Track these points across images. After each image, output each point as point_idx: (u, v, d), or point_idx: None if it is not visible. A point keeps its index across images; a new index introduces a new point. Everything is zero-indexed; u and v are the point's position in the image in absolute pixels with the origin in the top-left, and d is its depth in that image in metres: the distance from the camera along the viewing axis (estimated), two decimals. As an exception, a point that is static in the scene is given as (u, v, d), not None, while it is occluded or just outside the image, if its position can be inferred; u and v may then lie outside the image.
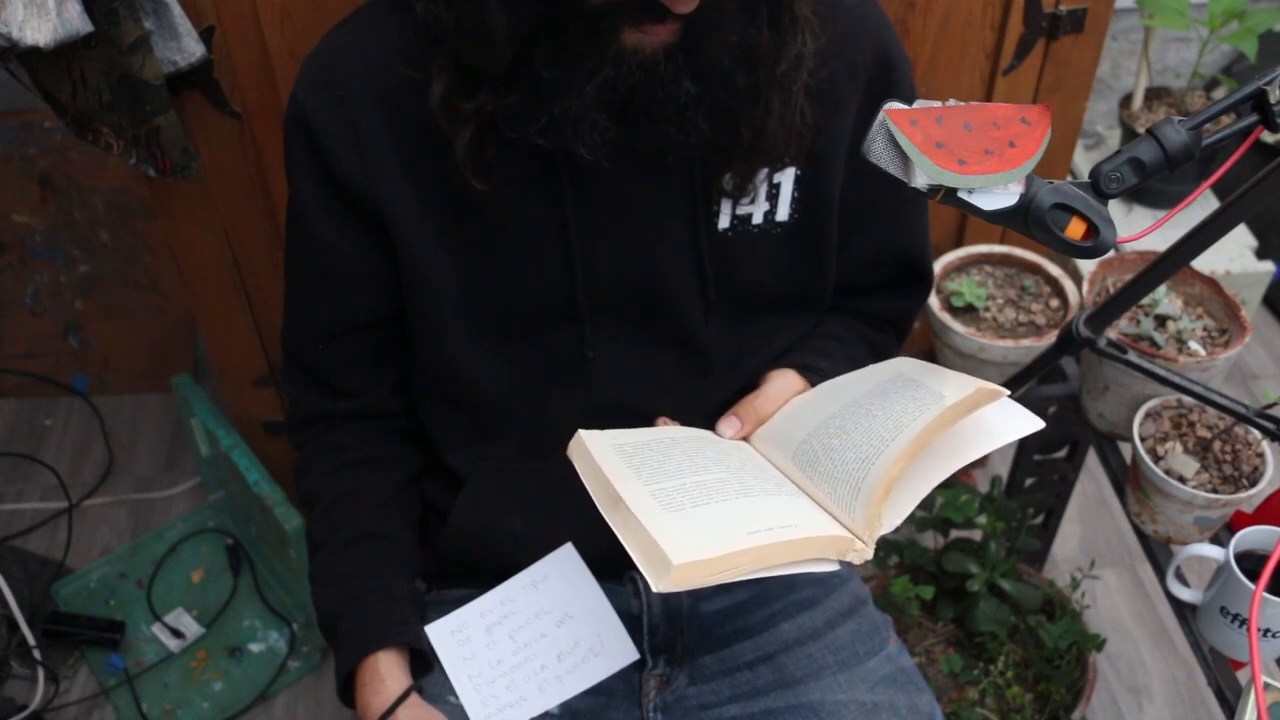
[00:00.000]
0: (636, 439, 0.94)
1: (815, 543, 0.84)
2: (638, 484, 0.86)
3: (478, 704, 1.00)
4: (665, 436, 0.96)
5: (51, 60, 1.22)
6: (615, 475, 0.87)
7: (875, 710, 1.03)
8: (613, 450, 0.91)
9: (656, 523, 0.81)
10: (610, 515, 0.85)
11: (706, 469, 0.91)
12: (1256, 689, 0.83)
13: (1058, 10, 1.44)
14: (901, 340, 1.19)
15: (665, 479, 0.88)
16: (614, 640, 1.03)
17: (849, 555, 0.85)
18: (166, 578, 1.83)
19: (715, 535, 0.81)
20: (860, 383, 0.99)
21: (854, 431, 0.91)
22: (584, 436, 0.92)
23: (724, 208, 0.98)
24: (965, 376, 0.92)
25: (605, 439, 0.93)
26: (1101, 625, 1.80)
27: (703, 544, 0.80)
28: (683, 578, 0.78)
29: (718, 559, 0.79)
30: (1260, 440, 1.27)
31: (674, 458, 0.92)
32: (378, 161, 0.94)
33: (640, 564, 0.80)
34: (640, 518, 0.82)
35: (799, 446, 0.95)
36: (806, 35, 0.89)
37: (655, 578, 0.78)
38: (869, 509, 0.85)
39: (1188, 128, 0.79)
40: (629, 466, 0.89)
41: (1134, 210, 2.03)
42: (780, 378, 1.04)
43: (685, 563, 0.77)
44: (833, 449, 0.91)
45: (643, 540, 0.80)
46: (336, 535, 1.05)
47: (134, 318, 2.07)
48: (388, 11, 0.94)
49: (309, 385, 1.08)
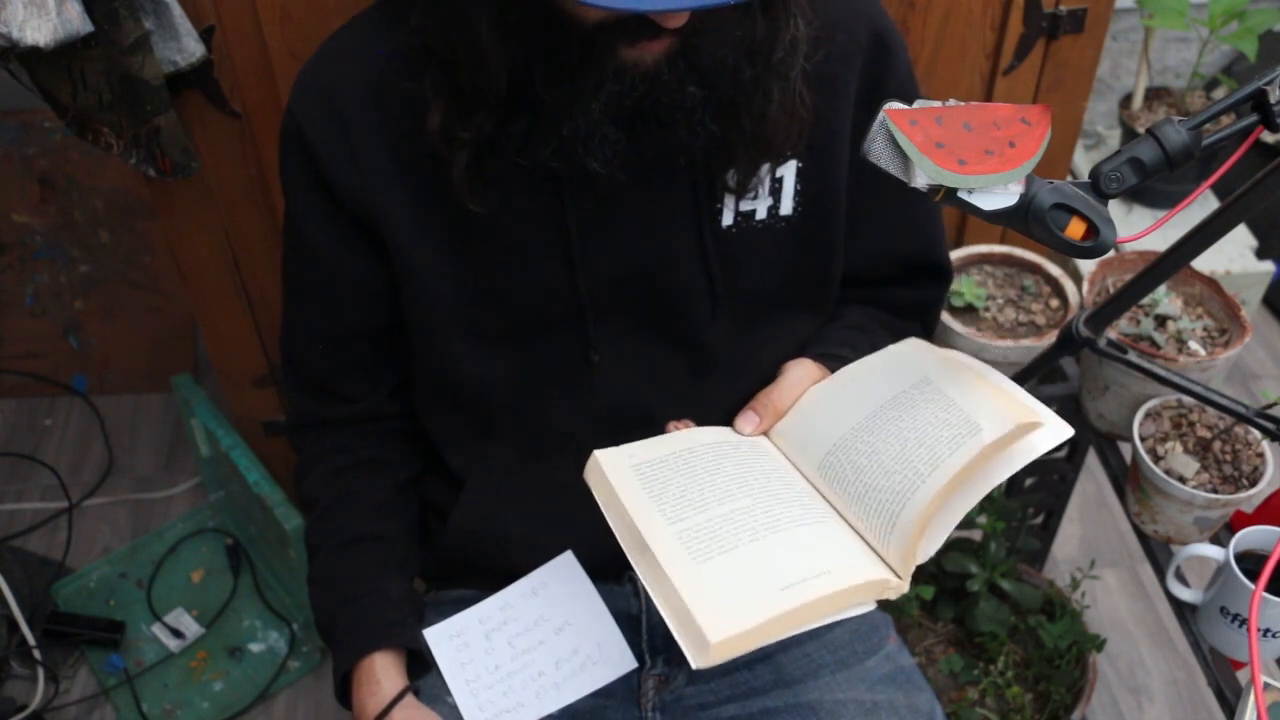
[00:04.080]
0: (654, 454, 0.92)
1: (853, 591, 0.83)
2: (662, 522, 0.84)
3: (474, 709, 1.00)
4: (684, 448, 0.94)
5: (51, 60, 1.22)
6: (638, 512, 0.85)
7: (874, 709, 1.03)
8: (631, 474, 0.89)
9: (687, 581, 0.80)
10: (638, 563, 0.84)
11: (731, 494, 0.89)
12: (1256, 689, 0.83)
13: (1058, 10, 1.44)
14: (929, 332, 1.17)
15: (689, 511, 0.86)
16: (612, 649, 1.03)
17: (886, 594, 0.84)
18: (166, 578, 1.83)
19: (750, 597, 0.80)
20: (881, 380, 0.97)
21: (884, 455, 0.89)
22: (600, 459, 0.90)
23: (727, 204, 0.98)
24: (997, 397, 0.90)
25: (622, 459, 0.91)
26: (1101, 625, 1.80)
27: (738, 612, 0.78)
28: (720, 654, 0.77)
29: (755, 630, 0.78)
30: (1260, 440, 1.27)
31: (696, 479, 0.90)
32: (373, 171, 0.94)
33: (678, 638, 0.79)
34: (670, 574, 0.80)
35: (825, 459, 0.93)
36: (799, 19, 0.89)
37: (694, 655, 0.78)
38: (906, 545, 0.84)
39: (1188, 128, 0.79)
40: (650, 496, 0.87)
41: (1134, 210, 2.03)
42: (797, 367, 1.03)
43: (722, 640, 0.77)
44: (862, 469, 0.90)
45: (677, 609, 0.79)
46: (334, 537, 1.06)
47: (134, 318, 2.07)
48: (381, 20, 0.94)
49: (308, 391, 1.08)
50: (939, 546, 0.85)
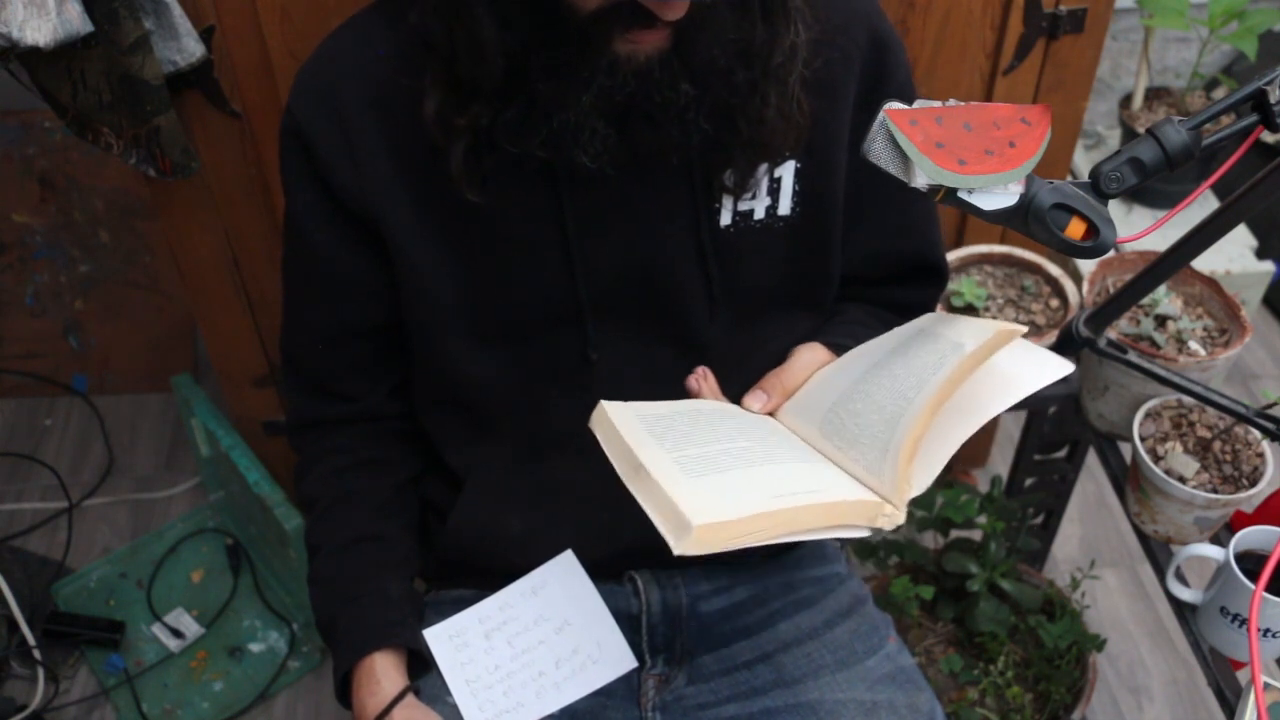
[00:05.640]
0: (660, 410, 0.92)
1: (843, 507, 0.81)
2: (660, 450, 0.84)
3: (475, 709, 1.00)
4: (690, 408, 0.94)
5: (51, 60, 1.22)
6: (637, 443, 0.84)
7: (874, 709, 1.03)
8: (635, 419, 0.89)
9: (678, 486, 0.79)
10: (631, 482, 0.82)
11: (731, 438, 0.89)
12: (1256, 689, 0.83)
13: (1058, 10, 1.44)
14: None
15: (689, 446, 0.85)
16: (612, 648, 1.03)
17: (879, 521, 0.83)
18: (166, 578, 1.83)
19: (738, 498, 0.79)
20: (884, 344, 0.97)
21: (878, 393, 0.89)
22: (606, 407, 0.90)
23: (725, 204, 0.98)
24: (984, 321, 0.90)
25: (628, 410, 0.90)
26: (1101, 625, 1.80)
27: (724, 506, 0.77)
28: (703, 539, 0.75)
29: (740, 521, 0.77)
30: (1260, 440, 1.27)
31: (699, 428, 0.90)
32: (372, 170, 0.94)
33: (660, 527, 0.78)
34: (661, 482, 0.79)
35: (826, 415, 0.92)
36: (799, 26, 0.89)
37: (675, 539, 0.76)
38: (898, 470, 0.83)
39: (1188, 128, 0.79)
40: (651, 435, 0.86)
41: (1134, 210, 2.02)
42: (807, 350, 1.02)
43: (706, 524, 0.75)
44: (858, 413, 0.89)
45: (662, 503, 0.78)
46: (334, 538, 1.06)
47: (134, 318, 2.07)
48: (381, 19, 0.94)
49: (308, 390, 1.08)
50: (934, 476, 0.83)
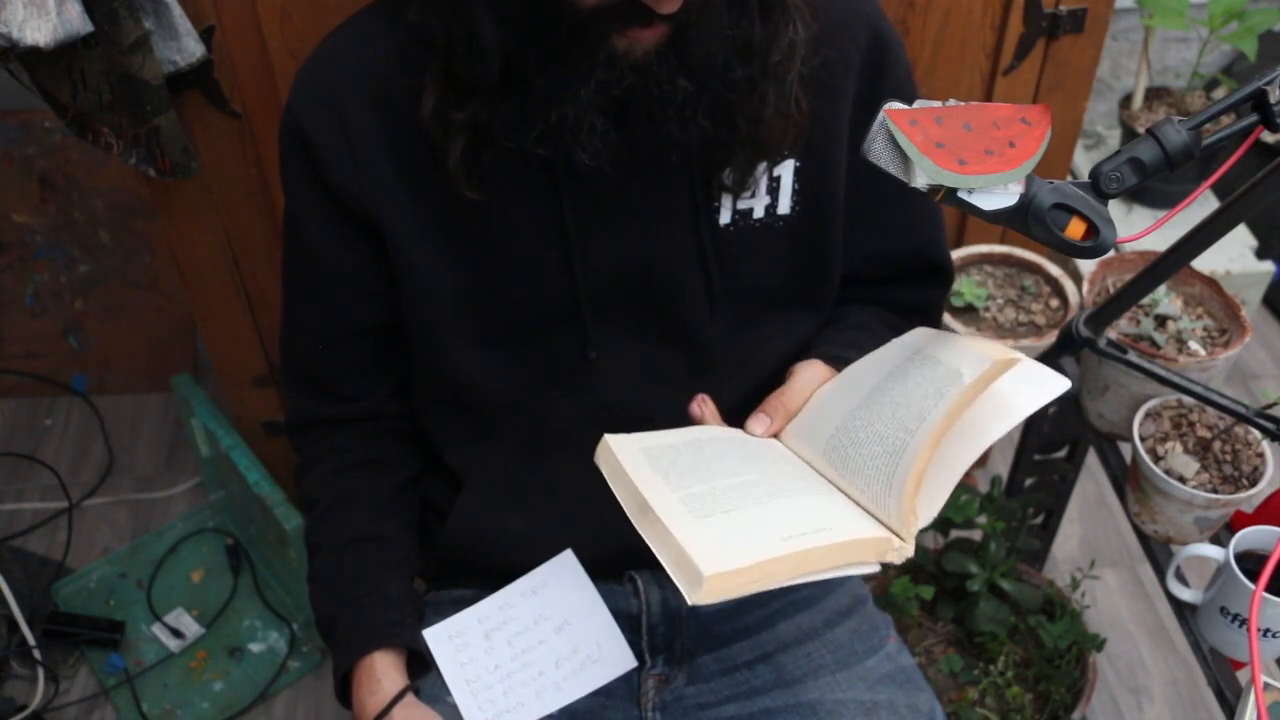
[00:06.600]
0: (663, 442, 0.92)
1: (853, 546, 0.81)
2: (665, 489, 0.84)
3: (474, 709, 1.00)
4: (693, 439, 0.94)
5: (51, 60, 1.22)
6: (642, 481, 0.84)
7: (874, 709, 1.03)
8: (640, 455, 0.89)
9: (686, 531, 0.79)
10: (639, 523, 0.83)
11: (736, 471, 0.89)
12: (1256, 689, 0.83)
13: (1058, 10, 1.44)
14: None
15: (694, 483, 0.85)
16: (612, 648, 1.03)
17: (889, 556, 0.83)
18: (166, 578, 1.83)
19: (748, 542, 0.79)
20: (881, 364, 0.97)
21: (878, 423, 0.89)
22: (610, 442, 0.90)
23: (724, 203, 0.98)
24: (980, 344, 0.90)
25: (632, 443, 0.90)
26: (1101, 625, 1.80)
27: (735, 552, 0.77)
28: (714, 589, 0.75)
29: (751, 568, 0.77)
30: (1260, 440, 1.27)
31: (703, 461, 0.90)
32: (372, 169, 0.94)
33: (673, 575, 0.78)
34: (669, 525, 0.79)
35: (828, 442, 0.92)
36: (798, 23, 0.89)
37: (688, 590, 0.76)
38: (903, 504, 0.83)
39: (1188, 128, 0.79)
40: (656, 472, 0.86)
41: (1134, 210, 2.02)
42: (807, 369, 1.02)
43: (717, 573, 0.75)
44: (860, 443, 0.89)
45: (673, 550, 0.78)
46: (334, 538, 1.06)
47: (134, 318, 2.07)
48: (380, 19, 0.94)
49: (308, 390, 1.08)
50: (939, 506, 0.84)
